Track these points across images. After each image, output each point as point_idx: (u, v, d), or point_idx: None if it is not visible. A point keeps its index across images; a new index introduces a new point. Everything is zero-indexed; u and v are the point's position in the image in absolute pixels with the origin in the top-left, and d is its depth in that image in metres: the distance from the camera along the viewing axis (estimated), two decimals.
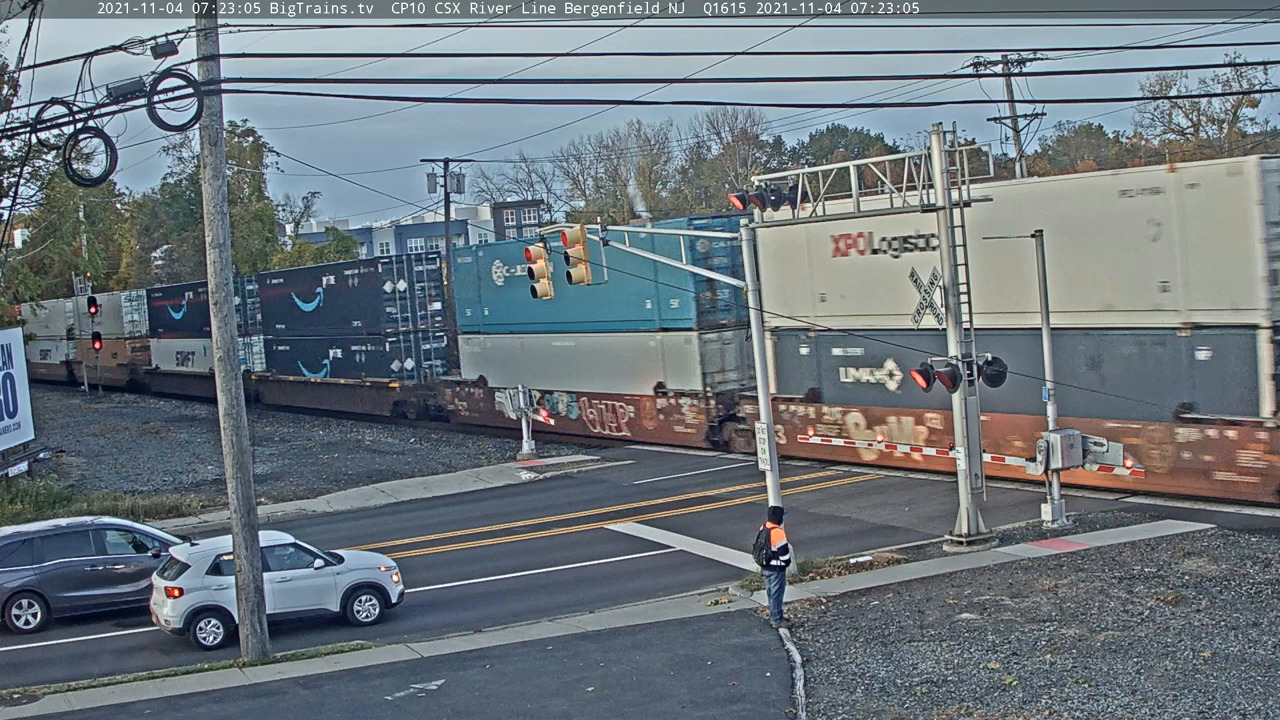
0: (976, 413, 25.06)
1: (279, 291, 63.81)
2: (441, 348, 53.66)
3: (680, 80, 23.10)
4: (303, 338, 60.93)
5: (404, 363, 53.08)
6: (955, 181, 24.68)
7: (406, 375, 53.18)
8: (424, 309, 53.62)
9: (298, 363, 61.60)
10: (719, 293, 38.32)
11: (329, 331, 58.17)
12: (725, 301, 38.49)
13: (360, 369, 55.75)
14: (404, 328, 53.18)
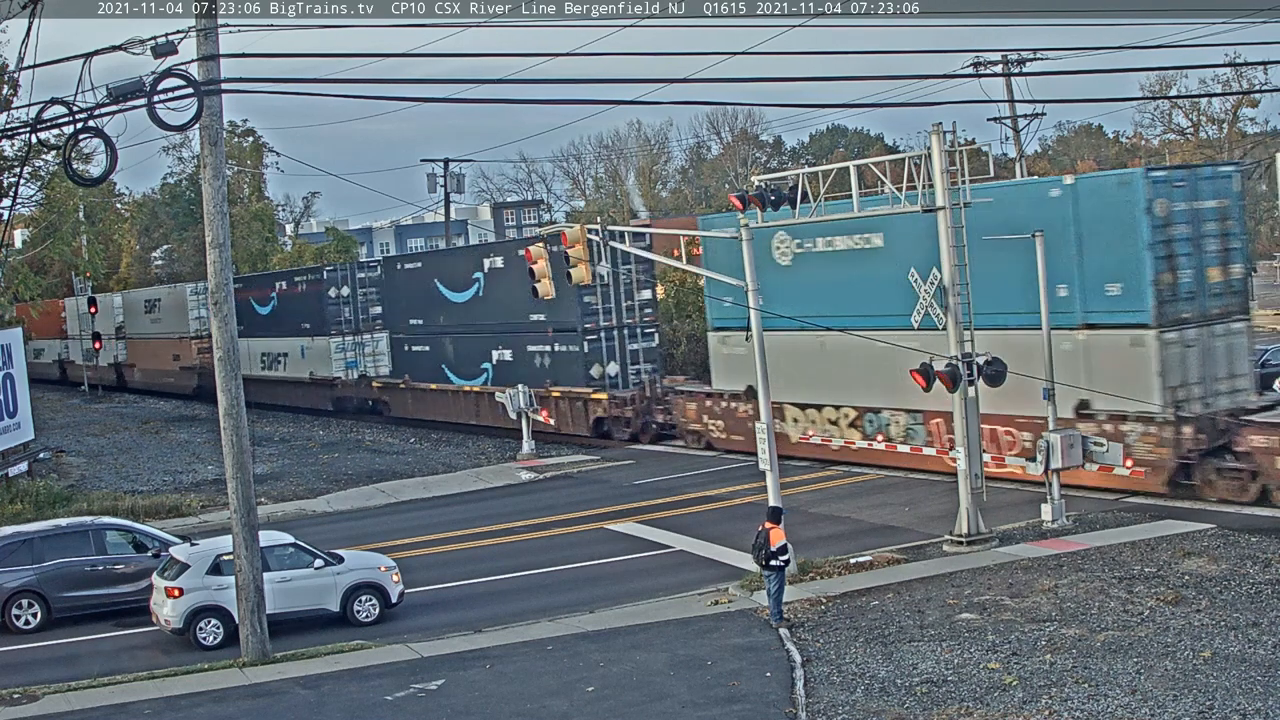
0: (976, 413, 25.06)
1: (415, 278, 53.15)
2: (653, 348, 43.46)
3: (680, 80, 23.12)
4: (452, 336, 49.96)
5: (606, 367, 42.59)
6: (955, 181, 24.70)
7: (611, 383, 42.73)
8: (631, 297, 42.92)
9: (443, 367, 50.57)
10: (1180, 275, 27.85)
11: (492, 328, 47.17)
12: (1188, 289, 27.90)
13: (544, 375, 44.39)
14: (606, 322, 42.53)
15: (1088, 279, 28.12)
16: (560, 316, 42.90)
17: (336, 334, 57.47)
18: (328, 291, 57.59)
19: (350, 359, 57.34)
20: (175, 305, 71.09)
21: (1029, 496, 27.52)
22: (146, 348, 75.60)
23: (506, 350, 46.62)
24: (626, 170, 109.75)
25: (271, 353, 63.84)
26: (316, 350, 58.98)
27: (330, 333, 57.33)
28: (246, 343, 62.88)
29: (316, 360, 59.10)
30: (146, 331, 75.38)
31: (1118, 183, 28.14)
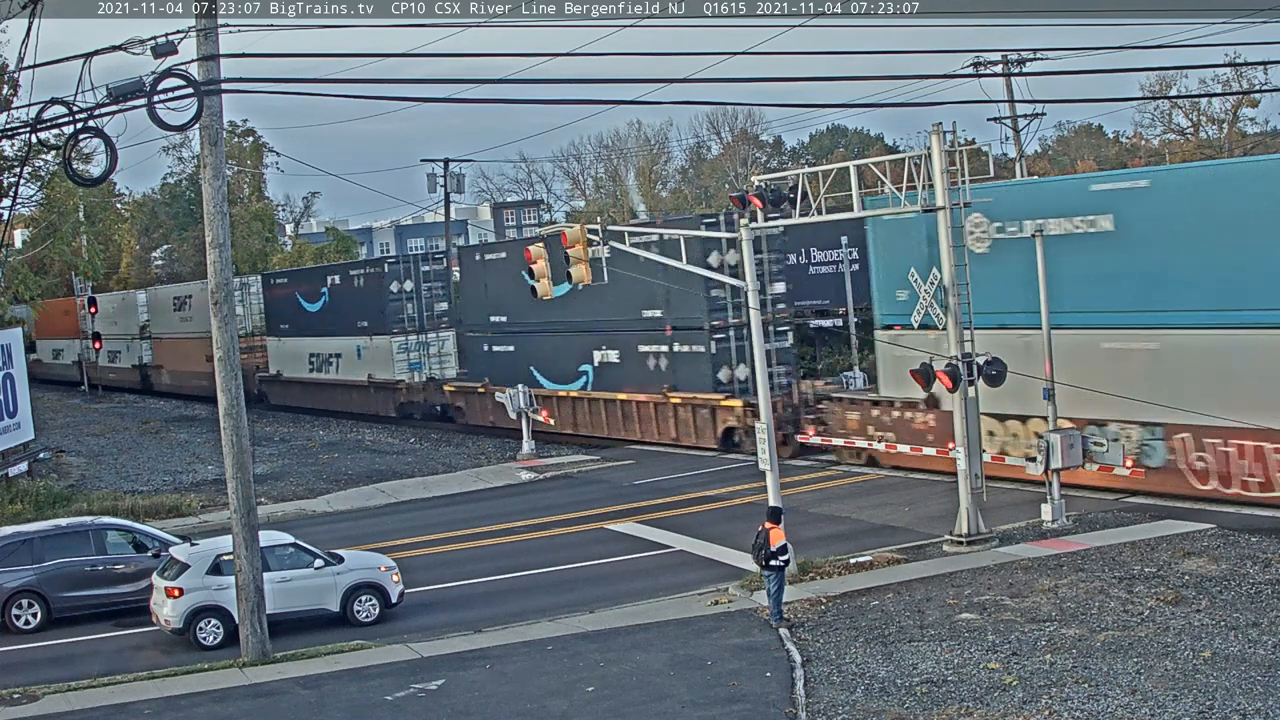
0: (976, 412, 25.05)
1: (497, 269, 46.69)
2: (788, 348, 38.42)
3: (680, 80, 23.12)
4: (542, 334, 43.79)
5: (736, 370, 37.49)
6: (955, 181, 24.70)
7: (742, 388, 37.43)
8: (763, 291, 36.25)
9: (531, 370, 44.91)
10: None
11: (595, 325, 41.62)
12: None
13: (659, 379, 39.26)
14: (735, 319, 37.15)
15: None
16: (683, 313, 37.89)
17: (399, 332, 52.77)
18: (389, 286, 52.47)
19: (414, 360, 52.79)
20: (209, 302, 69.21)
21: (1029, 496, 27.52)
22: (176, 348, 70.01)
23: (612, 351, 41.43)
24: (626, 170, 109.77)
25: (322, 353, 58.50)
26: (376, 351, 54.06)
27: (392, 331, 52.70)
28: (293, 342, 61.15)
29: (376, 362, 54.18)
30: (176, 331, 69.99)
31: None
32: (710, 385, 37.56)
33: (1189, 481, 26.33)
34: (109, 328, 75.17)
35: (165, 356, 72.52)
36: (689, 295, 37.06)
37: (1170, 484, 26.67)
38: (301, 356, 59.87)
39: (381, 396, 54.41)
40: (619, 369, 41.15)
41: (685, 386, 38.49)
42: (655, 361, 39.51)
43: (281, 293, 62.98)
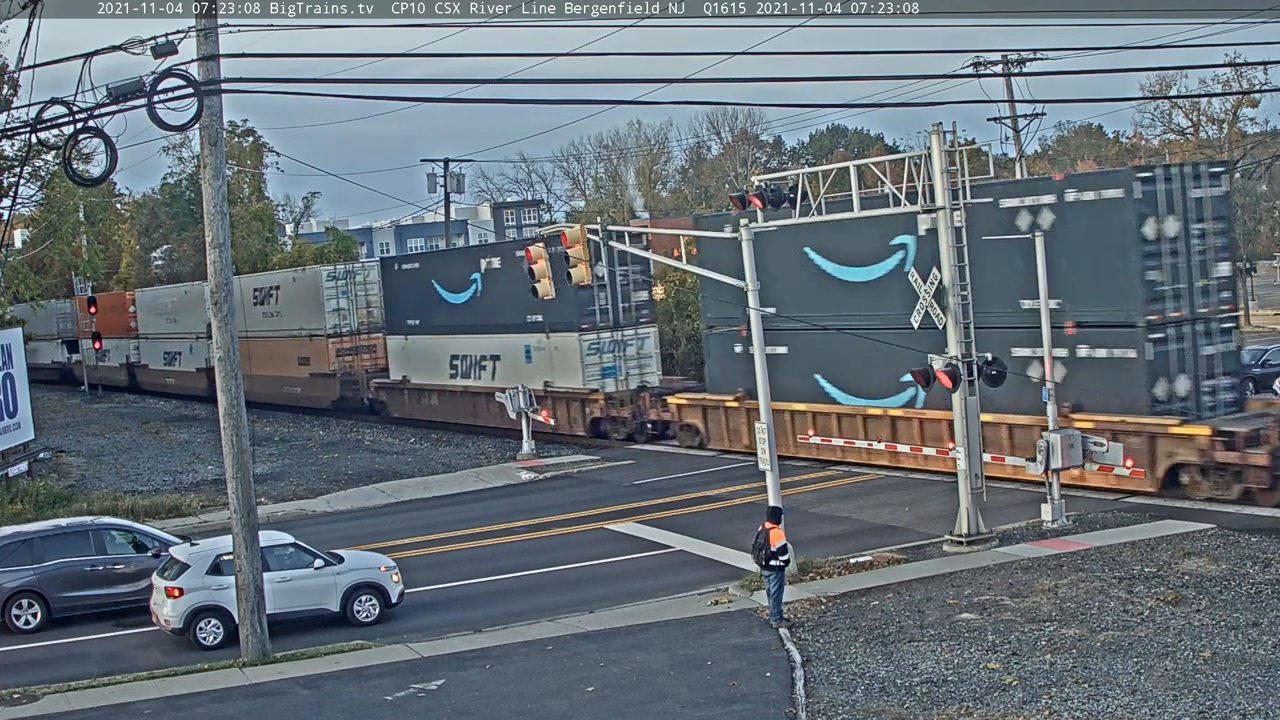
0: (976, 413, 25.06)
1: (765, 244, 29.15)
2: (1232, 351, 28.68)
3: (680, 80, 23.12)
4: (837, 332, 32.47)
5: (1175, 383, 27.53)
6: (955, 181, 24.70)
7: (1182, 406, 27.68)
8: (1208, 273, 27.95)
9: (816, 379, 34.76)
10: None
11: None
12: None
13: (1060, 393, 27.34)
14: (1175, 312, 27.56)
15: None
16: (1095, 302, 28.28)
17: (589, 329, 42.24)
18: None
19: (607, 365, 42.51)
20: (303, 294, 56.26)
21: (1029, 496, 27.52)
22: (256, 349, 59.91)
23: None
24: (626, 170, 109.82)
25: (472, 355, 47.85)
26: (557, 353, 43.50)
27: (580, 327, 42.23)
28: (426, 342, 50.26)
29: (555, 366, 43.68)
30: (256, 329, 60.44)
31: None
32: (1145, 403, 27.44)
33: None
34: (166, 325, 67.30)
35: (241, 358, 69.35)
36: (1109, 277, 27.83)
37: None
38: (438, 359, 49.53)
39: (563, 410, 43.93)
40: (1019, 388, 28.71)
41: (1096, 405, 28.16)
42: (1042, 370, 27.52)
43: (410, 281, 51.73)
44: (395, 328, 52.83)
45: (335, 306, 54.87)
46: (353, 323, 55.44)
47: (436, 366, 49.81)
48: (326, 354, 55.29)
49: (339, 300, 54.82)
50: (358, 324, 55.47)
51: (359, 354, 55.13)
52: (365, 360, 55.27)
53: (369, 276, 55.63)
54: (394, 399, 53.26)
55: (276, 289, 59.42)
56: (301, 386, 57.37)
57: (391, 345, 53.28)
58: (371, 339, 55.43)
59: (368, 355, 55.48)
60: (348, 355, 55.21)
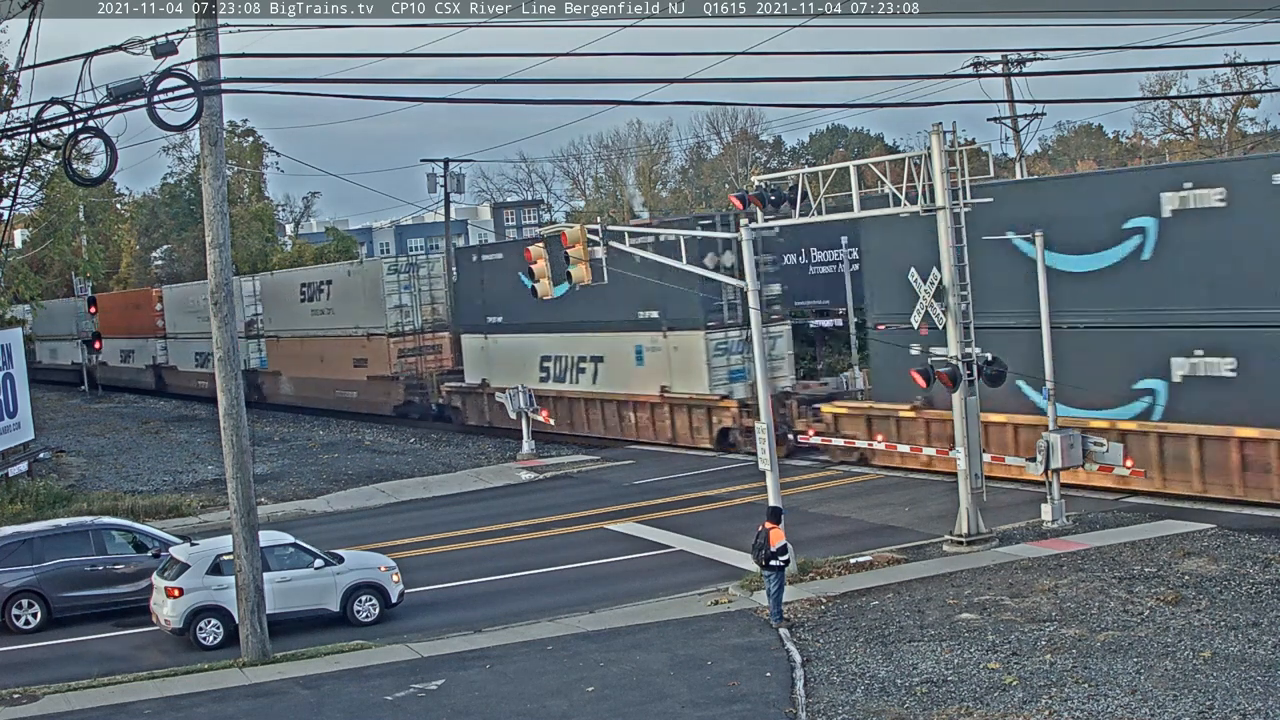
0: (976, 412, 25.06)
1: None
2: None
3: (680, 80, 23.13)
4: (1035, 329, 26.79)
5: None
6: (955, 181, 24.71)
7: None
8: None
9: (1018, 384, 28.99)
10: None
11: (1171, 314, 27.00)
12: None
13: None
14: None
15: None
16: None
17: (716, 326, 37.60)
18: (703, 260, 34.55)
19: (736, 367, 37.60)
20: (361, 290, 51.73)
21: (1029, 496, 27.52)
22: (304, 350, 56.08)
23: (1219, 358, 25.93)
24: (626, 170, 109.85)
25: (568, 356, 43.28)
26: (676, 353, 38.66)
27: (708, 324, 37.49)
28: (510, 341, 45.55)
29: (675, 369, 38.70)
30: (305, 327, 56.11)
31: None
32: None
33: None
34: (196, 324, 62.38)
35: (286, 360, 58.75)
36: None
37: None
38: (526, 361, 44.67)
39: (683, 420, 38.90)
40: (1232, 388, 25.71)
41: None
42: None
43: (492, 272, 45.94)
44: (472, 325, 47.62)
45: (397, 303, 49.84)
46: (416, 320, 50.69)
47: (523, 369, 44.77)
48: (387, 355, 50.35)
49: (401, 296, 49.77)
50: (421, 322, 50.78)
51: (423, 355, 50.40)
52: (430, 361, 50.62)
53: (434, 270, 51.07)
54: (471, 405, 47.96)
55: (328, 284, 54.60)
56: (358, 390, 52.57)
57: (467, 345, 48.15)
58: (437, 338, 50.97)
59: (432, 356, 50.78)
60: (410, 356, 50.54)
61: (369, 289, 51.21)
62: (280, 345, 59.13)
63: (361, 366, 52.48)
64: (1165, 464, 27.29)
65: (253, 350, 60.87)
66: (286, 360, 58.53)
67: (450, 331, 50.81)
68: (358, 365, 52.64)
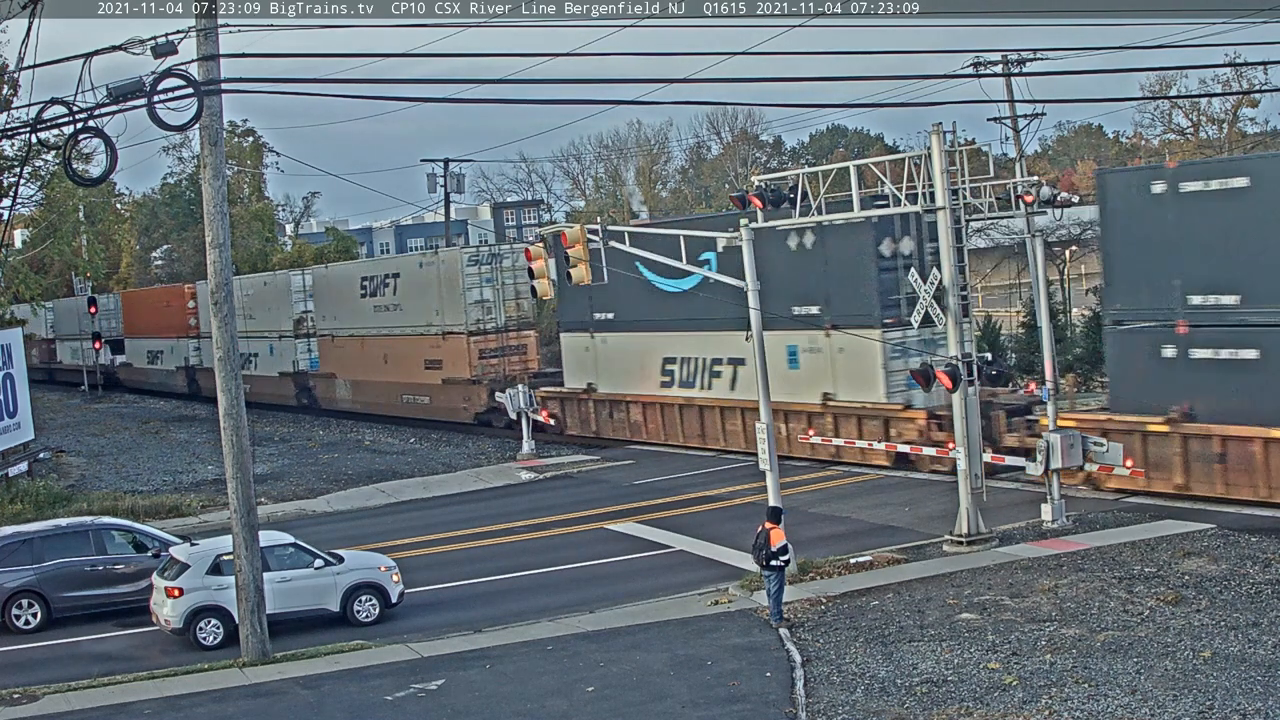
0: (976, 412, 25.05)
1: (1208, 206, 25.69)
2: None
3: (680, 80, 23.15)
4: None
5: None
6: (955, 181, 24.71)
7: None
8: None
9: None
10: None
11: None
12: None
13: None
14: None
15: None
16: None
17: (893, 324, 32.37)
18: (877, 246, 31.80)
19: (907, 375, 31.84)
20: (435, 283, 46.63)
21: (1029, 496, 27.52)
22: (365, 350, 51.18)
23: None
24: (626, 170, 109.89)
25: (699, 359, 37.88)
26: (840, 355, 33.40)
27: (884, 322, 32.50)
28: (628, 340, 40.15)
29: (835, 373, 33.54)
30: (363, 325, 51.24)
31: None
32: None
33: None
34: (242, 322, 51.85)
35: (343, 361, 53.32)
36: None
37: None
38: (643, 363, 39.83)
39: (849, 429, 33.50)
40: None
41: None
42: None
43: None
44: (575, 323, 42.64)
45: (478, 297, 44.40)
46: (499, 318, 45.47)
47: (639, 373, 39.87)
48: (466, 356, 44.86)
49: (482, 290, 44.22)
50: (505, 319, 45.54)
51: (507, 356, 45.00)
52: (514, 363, 45.36)
53: (518, 261, 44.47)
54: (573, 413, 43.12)
55: (394, 277, 49.65)
56: (431, 395, 47.47)
57: (569, 345, 43.33)
58: (521, 337, 45.79)
59: (517, 357, 45.49)
60: (492, 357, 45.12)
61: (445, 282, 45.44)
62: (336, 345, 53.69)
63: (435, 369, 47.24)
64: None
65: (301, 351, 56.44)
66: (343, 362, 53.40)
67: (536, 329, 46.59)
68: (430, 367, 47.37)
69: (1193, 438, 26.45)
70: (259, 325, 58.89)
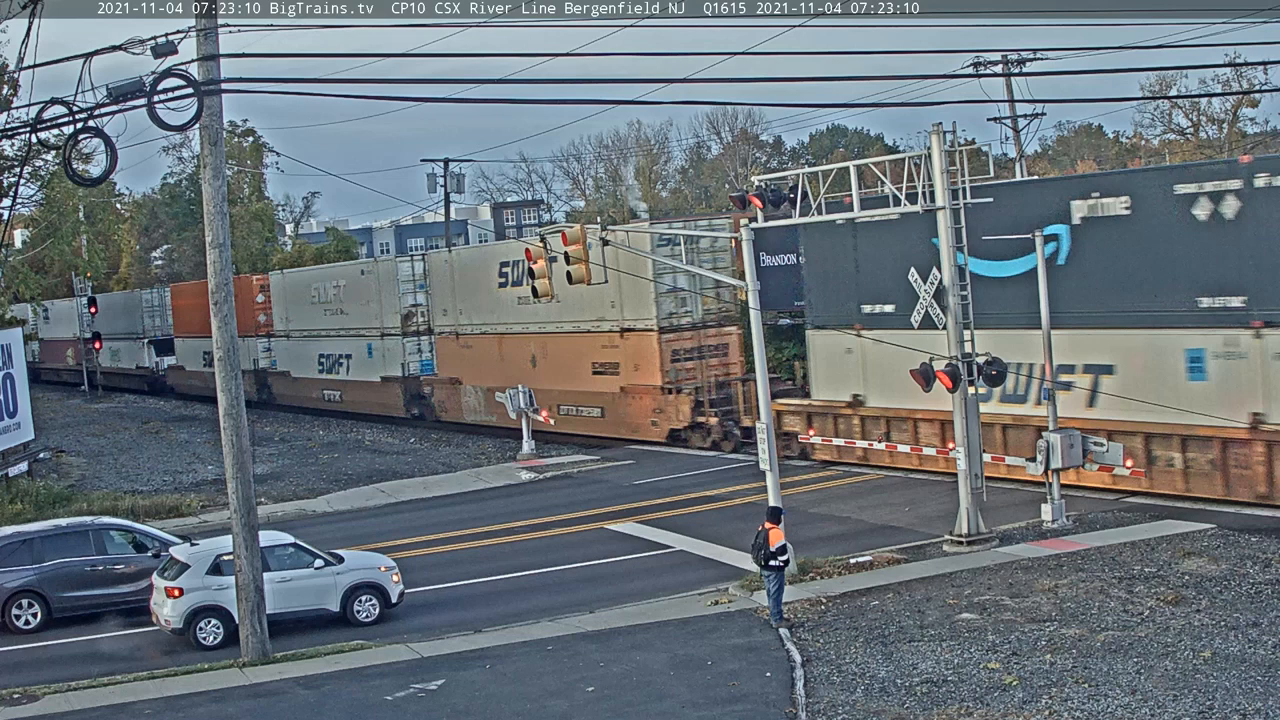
0: (976, 412, 25.04)
1: None
2: None
3: (680, 80, 23.19)
4: None
5: None
6: (955, 181, 24.70)
7: None
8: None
9: None
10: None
11: None
12: None
13: None
14: None
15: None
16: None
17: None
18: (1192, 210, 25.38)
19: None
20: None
21: (1029, 496, 27.51)
22: (504, 350, 43.94)
23: None
24: (626, 170, 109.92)
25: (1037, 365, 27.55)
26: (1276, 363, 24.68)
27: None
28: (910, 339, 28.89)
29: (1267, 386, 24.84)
30: (507, 320, 43.58)
31: None
32: None
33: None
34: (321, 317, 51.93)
35: (470, 364, 45.81)
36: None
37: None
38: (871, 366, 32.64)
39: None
40: None
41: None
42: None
43: (875, 240, 32.36)
44: (832, 318, 33.88)
45: (670, 285, 36.54)
46: (695, 311, 37.88)
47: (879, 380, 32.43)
48: (656, 357, 37.17)
49: (676, 277, 36.38)
50: (703, 312, 38.11)
51: (705, 359, 37.66)
52: (714, 367, 38.05)
53: (718, 242, 37.54)
54: (826, 430, 34.33)
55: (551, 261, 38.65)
56: (605, 407, 40.32)
57: (819, 346, 34.54)
58: (723, 335, 38.19)
59: (716, 360, 38.02)
60: (687, 360, 37.53)
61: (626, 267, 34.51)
62: (462, 345, 45.93)
63: (608, 374, 39.92)
64: None
65: (411, 351, 48.95)
66: (471, 364, 45.38)
67: (739, 326, 37.85)
68: (601, 372, 40.12)
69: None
70: (352, 322, 51.05)
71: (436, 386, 48.49)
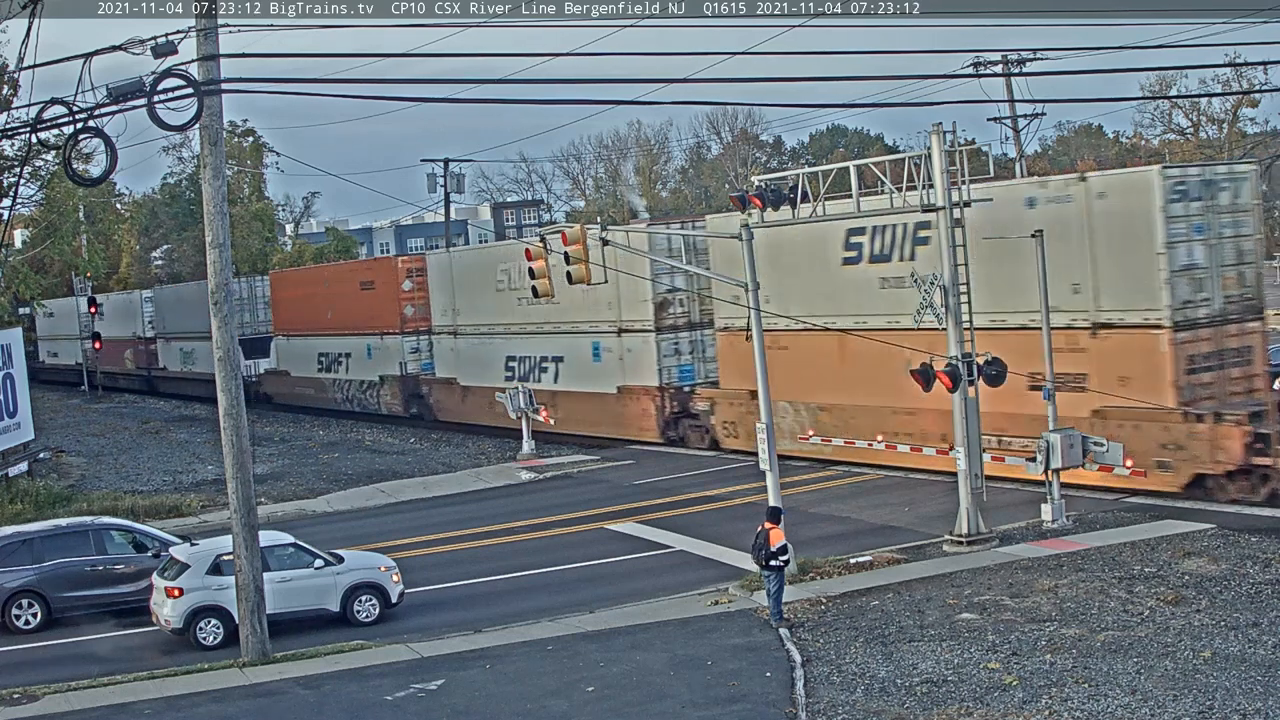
0: (976, 412, 25.04)
1: None
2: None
3: (680, 80, 23.15)
4: None
5: None
6: (955, 181, 24.70)
7: None
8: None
9: None
10: None
11: None
12: None
13: None
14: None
15: None
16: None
17: None
18: None
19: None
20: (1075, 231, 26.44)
21: (1029, 496, 27.50)
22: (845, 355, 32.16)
23: None
24: (626, 170, 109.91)
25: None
26: None
27: None
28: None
29: None
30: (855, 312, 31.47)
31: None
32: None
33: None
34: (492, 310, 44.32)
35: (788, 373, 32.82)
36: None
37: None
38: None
39: None
40: None
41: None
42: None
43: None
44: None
45: (1186, 260, 25.72)
46: (1215, 297, 26.24)
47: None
48: (1166, 365, 25.74)
49: (1191, 248, 25.74)
50: (1223, 299, 26.30)
51: (1225, 368, 26.31)
52: (1237, 379, 26.49)
53: (1239, 197, 26.26)
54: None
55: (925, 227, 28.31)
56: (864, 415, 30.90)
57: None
58: (1245, 334, 26.71)
59: (1239, 371, 26.49)
60: (1205, 369, 26.12)
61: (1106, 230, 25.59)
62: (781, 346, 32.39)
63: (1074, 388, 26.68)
64: None
65: (668, 351, 37.32)
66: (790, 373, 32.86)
67: (1263, 318, 27.24)
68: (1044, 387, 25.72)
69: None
70: (568, 316, 39.85)
71: (716, 403, 36.61)
